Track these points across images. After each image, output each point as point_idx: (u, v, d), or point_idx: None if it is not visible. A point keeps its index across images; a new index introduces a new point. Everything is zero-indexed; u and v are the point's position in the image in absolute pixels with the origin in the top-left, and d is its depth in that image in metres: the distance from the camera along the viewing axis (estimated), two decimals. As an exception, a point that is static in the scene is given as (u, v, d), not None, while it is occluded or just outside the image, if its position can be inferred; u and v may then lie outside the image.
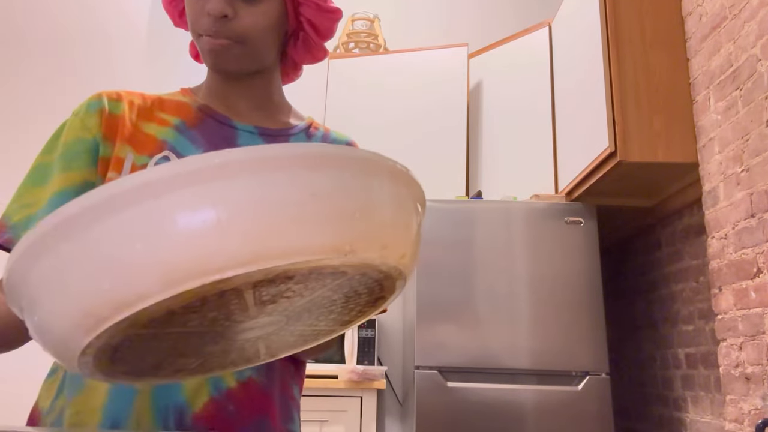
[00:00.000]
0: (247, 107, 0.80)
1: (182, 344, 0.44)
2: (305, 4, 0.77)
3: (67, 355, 0.39)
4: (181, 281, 0.34)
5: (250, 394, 0.69)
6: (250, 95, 0.80)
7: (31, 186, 0.71)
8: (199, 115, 0.78)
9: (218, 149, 0.74)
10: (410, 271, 0.45)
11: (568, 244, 2.32)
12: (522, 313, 2.25)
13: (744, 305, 1.76)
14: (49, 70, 1.29)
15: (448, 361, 2.19)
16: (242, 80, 0.79)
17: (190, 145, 0.75)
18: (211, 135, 0.76)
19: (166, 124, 0.76)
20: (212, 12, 0.70)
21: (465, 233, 2.35)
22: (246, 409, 0.69)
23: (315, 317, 0.47)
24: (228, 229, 0.34)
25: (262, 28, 0.72)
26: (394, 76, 3.03)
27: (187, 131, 0.76)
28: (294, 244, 0.35)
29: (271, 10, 0.73)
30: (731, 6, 1.87)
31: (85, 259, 0.34)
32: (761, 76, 1.71)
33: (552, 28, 2.77)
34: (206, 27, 0.71)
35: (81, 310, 0.35)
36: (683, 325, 2.34)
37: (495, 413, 2.14)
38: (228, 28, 0.71)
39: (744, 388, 1.75)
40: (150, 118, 0.76)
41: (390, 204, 0.40)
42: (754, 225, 1.73)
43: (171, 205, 0.33)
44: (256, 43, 0.73)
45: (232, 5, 0.71)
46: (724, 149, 1.90)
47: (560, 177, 2.59)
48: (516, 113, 2.83)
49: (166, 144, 0.74)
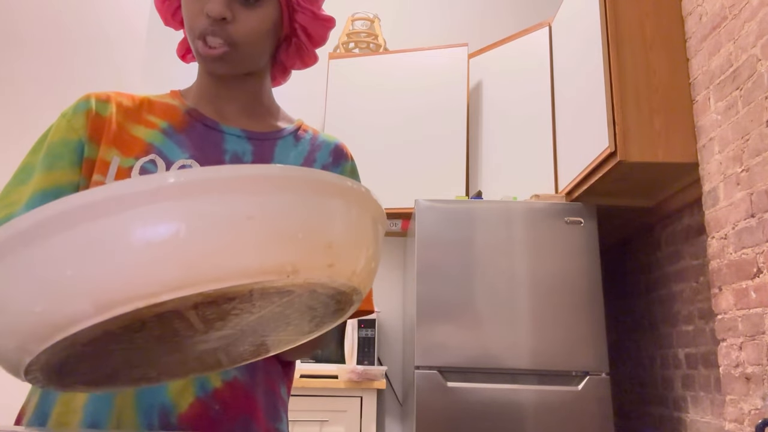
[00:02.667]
0: (235, 110, 0.80)
1: (135, 357, 0.44)
2: (301, 12, 0.77)
3: (13, 371, 0.39)
4: (113, 305, 0.34)
5: (235, 394, 0.69)
6: (240, 97, 0.80)
7: (15, 185, 0.72)
8: (187, 119, 0.78)
9: (205, 153, 0.74)
10: (366, 286, 0.44)
11: (568, 244, 2.32)
12: (522, 313, 2.25)
13: (744, 305, 1.76)
14: (49, 71, 1.29)
15: (448, 361, 2.19)
16: (233, 82, 0.79)
17: (177, 149, 0.75)
18: (199, 139, 0.77)
19: (154, 127, 0.76)
20: (211, 13, 0.70)
21: (465, 233, 2.35)
22: (231, 408, 0.69)
23: (272, 329, 0.47)
24: (161, 254, 0.33)
25: (258, 33, 0.73)
26: (394, 76, 3.03)
27: (175, 135, 0.76)
28: (229, 267, 0.35)
29: (268, 15, 0.74)
30: (731, 6, 1.87)
31: (19, 282, 0.34)
32: (761, 76, 1.71)
33: (552, 28, 2.77)
34: (203, 27, 0.71)
35: (16, 332, 0.35)
36: (683, 325, 2.34)
37: (495, 413, 2.14)
38: (225, 31, 0.71)
39: (744, 388, 1.75)
40: (138, 120, 0.76)
41: (339, 223, 0.39)
42: (754, 225, 1.73)
43: (103, 229, 0.33)
44: (251, 47, 0.74)
45: (231, 9, 0.71)
46: (724, 149, 1.90)
47: (560, 177, 2.59)
48: (516, 113, 2.83)
49: (153, 147, 0.74)
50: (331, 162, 0.82)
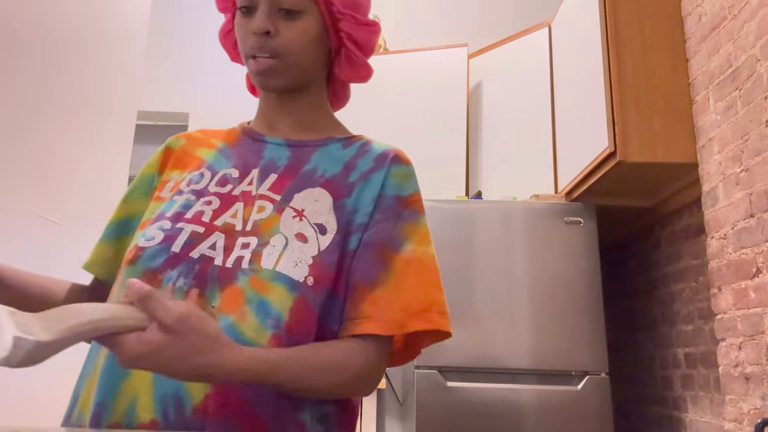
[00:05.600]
0: (287, 124, 0.85)
1: None
2: (343, 19, 0.81)
3: None
4: None
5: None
6: (293, 113, 0.85)
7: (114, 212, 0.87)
8: (239, 136, 0.86)
9: (246, 162, 0.79)
10: None
11: (567, 244, 2.32)
12: (522, 313, 2.25)
13: (743, 305, 1.77)
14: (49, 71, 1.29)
15: (448, 361, 2.19)
16: (286, 98, 0.84)
17: (224, 162, 0.81)
18: (244, 151, 0.82)
19: (213, 147, 0.85)
20: (256, 30, 0.76)
21: (465, 233, 2.35)
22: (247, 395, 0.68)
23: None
24: None
25: (301, 42, 0.78)
26: (394, 77, 3.03)
27: (226, 151, 0.84)
28: None
29: (309, 25, 0.79)
30: (731, 6, 1.88)
31: None
32: (761, 76, 1.71)
33: (552, 29, 2.78)
34: (252, 45, 0.78)
35: None
36: (683, 325, 2.35)
37: (495, 413, 2.14)
38: (271, 44, 0.77)
39: (743, 388, 1.76)
40: (202, 144, 0.86)
41: None
42: (754, 225, 1.73)
43: None
44: (297, 57, 0.79)
45: (273, 22, 0.77)
46: (723, 149, 1.90)
47: (560, 177, 2.59)
48: (516, 113, 2.84)
49: (204, 162, 0.82)
50: (371, 167, 0.80)
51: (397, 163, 0.82)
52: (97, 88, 1.51)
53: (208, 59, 3.56)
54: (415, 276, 0.74)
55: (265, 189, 0.77)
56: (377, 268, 0.73)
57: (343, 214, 0.75)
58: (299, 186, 0.77)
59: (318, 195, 0.76)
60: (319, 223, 0.74)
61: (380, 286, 0.72)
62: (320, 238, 0.73)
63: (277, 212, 0.74)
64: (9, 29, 1.13)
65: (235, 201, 0.76)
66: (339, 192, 0.77)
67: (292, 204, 0.75)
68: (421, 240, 0.77)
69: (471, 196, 2.67)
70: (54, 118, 1.32)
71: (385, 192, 0.78)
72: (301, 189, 0.76)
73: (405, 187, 0.80)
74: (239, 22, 0.80)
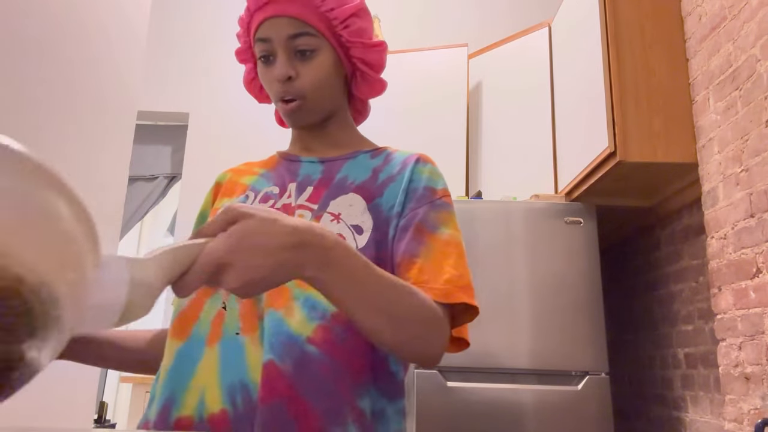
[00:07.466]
0: (318, 146, 0.92)
1: None
2: (353, 47, 0.87)
3: None
4: None
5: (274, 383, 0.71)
6: (323, 138, 0.92)
7: None
8: (278, 161, 0.93)
9: (283, 180, 0.88)
10: (60, 279, 0.35)
11: (567, 244, 2.32)
12: (522, 313, 2.25)
13: (743, 305, 1.77)
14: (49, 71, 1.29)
15: (448, 361, 2.19)
16: (315, 129, 0.91)
17: (265, 183, 0.89)
18: (282, 171, 0.90)
19: (255, 174, 0.92)
20: (279, 77, 0.82)
21: (465, 233, 2.32)
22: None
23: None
24: None
25: (321, 79, 0.84)
26: (394, 77, 3.02)
27: (267, 174, 0.91)
28: None
29: (326, 61, 0.85)
30: (731, 6, 1.88)
31: None
32: (760, 76, 1.71)
33: (552, 29, 2.78)
34: (277, 91, 0.84)
35: None
36: (683, 325, 2.35)
37: (495, 413, 2.14)
38: (295, 87, 0.83)
39: (743, 388, 1.76)
40: (246, 173, 0.93)
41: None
42: (754, 225, 1.73)
43: None
44: (320, 92, 0.85)
45: (292, 66, 0.83)
46: (723, 149, 1.90)
47: (560, 177, 2.59)
48: (516, 113, 2.84)
49: (248, 187, 0.89)
50: (399, 170, 0.86)
51: (423, 162, 0.88)
52: (96, 88, 1.51)
53: (208, 59, 3.56)
54: (455, 256, 0.79)
55: (303, 200, 0.83)
56: (417, 245, 0.78)
57: (380, 213, 0.81)
58: (333, 194, 0.83)
59: (351, 200, 0.82)
60: (355, 224, 0.79)
61: (422, 258, 0.77)
62: (357, 237, 0.78)
63: (316, 218, 0.80)
64: (9, 29, 1.13)
65: None
66: (371, 194, 0.83)
67: (329, 210, 0.81)
68: (456, 227, 0.84)
69: (471, 196, 2.67)
70: (53, 118, 1.32)
71: (416, 184, 0.84)
72: (335, 196, 0.82)
73: (436, 182, 0.86)
74: (262, 70, 0.86)
